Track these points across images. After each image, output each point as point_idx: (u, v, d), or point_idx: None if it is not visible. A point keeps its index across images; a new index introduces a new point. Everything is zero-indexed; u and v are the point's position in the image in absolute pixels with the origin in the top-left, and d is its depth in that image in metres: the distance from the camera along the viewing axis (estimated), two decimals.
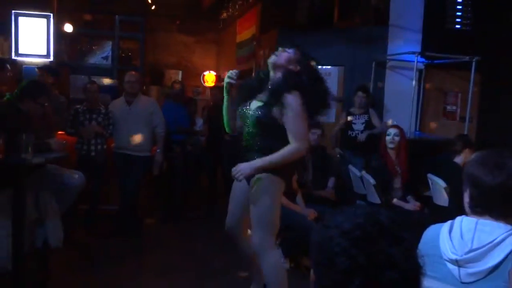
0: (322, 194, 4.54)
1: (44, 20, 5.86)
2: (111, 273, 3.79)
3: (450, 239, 1.51)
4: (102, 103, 4.91)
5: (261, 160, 2.67)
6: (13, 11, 5.77)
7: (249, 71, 7.24)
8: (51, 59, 5.88)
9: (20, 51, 5.82)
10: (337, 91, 6.25)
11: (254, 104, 2.79)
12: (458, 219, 1.54)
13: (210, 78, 10.32)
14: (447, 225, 1.55)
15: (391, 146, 4.28)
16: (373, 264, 0.86)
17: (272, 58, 2.78)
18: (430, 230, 1.62)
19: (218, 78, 10.27)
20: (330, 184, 4.67)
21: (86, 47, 6.95)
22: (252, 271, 3.15)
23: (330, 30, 6.55)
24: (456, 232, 1.51)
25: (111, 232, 4.71)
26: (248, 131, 2.83)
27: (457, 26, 6.02)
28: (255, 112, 2.75)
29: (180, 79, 9.99)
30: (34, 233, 3.23)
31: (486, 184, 1.47)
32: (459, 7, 6.01)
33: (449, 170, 3.96)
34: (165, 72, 10.52)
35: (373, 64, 6.00)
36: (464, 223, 1.51)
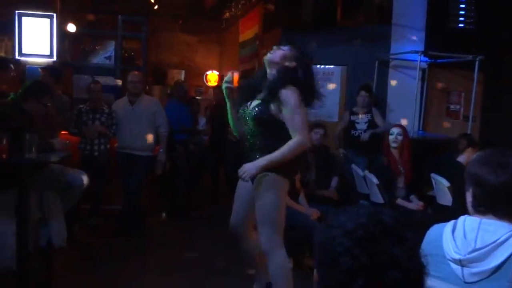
0: (325, 193, 4.53)
1: (48, 20, 5.87)
2: (114, 272, 3.80)
3: (453, 238, 1.50)
4: (105, 103, 4.92)
5: (266, 158, 2.67)
6: (17, 11, 5.78)
7: (252, 71, 7.24)
8: (54, 59, 5.89)
9: (24, 51, 5.83)
10: (340, 91, 6.25)
11: (254, 103, 2.81)
12: (461, 219, 1.54)
13: (212, 77, 10.33)
14: (450, 224, 1.55)
15: (394, 145, 4.27)
16: (376, 263, 0.86)
17: (267, 56, 2.81)
18: (433, 230, 1.61)
19: (221, 77, 10.28)
20: (333, 183, 4.67)
21: (89, 47, 6.96)
22: (255, 272, 3.15)
23: (333, 29, 6.54)
24: (459, 231, 1.50)
25: (114, 232, 4.72)
26: (249, 130, 2.85)
27: (461, 25, 6.00)
28: (253, 110, 2.77)
29: (183, 79, 10.03)
30: (38, 233, 3.24)
31: (489, 183, 1.47)
32: (462, 6, 5.99)
33: (453, 170, 3.95)
34: (168, 72, 10.54)
35: (376, 63, 5.99)
36: (467, 223, 1.51)
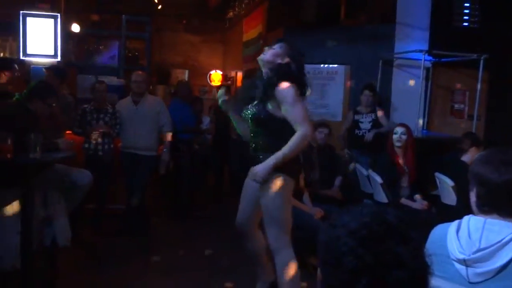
0: (329, 193, 4.53)
1: (52, 20, 5.89)
2: (118, 272, 3.81)
3: (458, 238, 1.50)
4: (109, 103, 4.93)
5: (274, 157, 2.68)
6: (21, 12, 5.80)
7: (255, 70, 7.22)
8: (59, 59, 5.91)
9: (28, 51, 5.85)
10: (343, 90, 6.24)
11: (252, 104, 2.85)
12: (466, 218, 1.53)
13: (216, 77, 10.33)
14: (454, 224, 1.54)
15: (398, 144, 4.26)
16: (380, 263, 0.86)
17: (260, 56, 2.87)
18: (438, 229, 1.61)
19: (225, 77, 10.28)
20: (337, 183, 4.67)
21: (93, 47, 6.98)
22: (259, 270, 3.16)
23: (336, 28, 6.53)
24: (463, 231, 1.50)
25: (118, 232, 4.73)
26: (251, 131, 2.87)
27: (465, 24, 5.97)
28: (252, 111, 2.81)
29: (186, 79, 10.04)
30: (42, 232, 3.25)
31: (492, 181, 1.46)
32: (466, 5, 5.97)
33: (457, 169, 3.94)
34: (172, 72, 10.55)
35: (380, 62, 5.98)
36: (472, 222, 1.50)
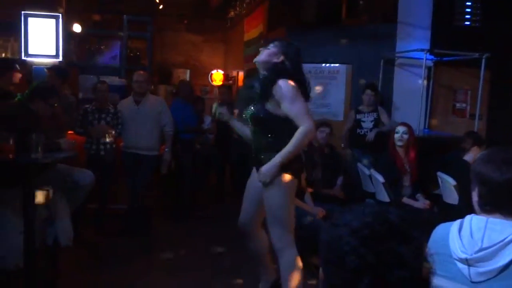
0: (331, 192, 4.53)
1: (53, 20, 5.89)
2: (120, 272, 3.81)
3: (460, 238, 1.49)
4: (111, 103, 4.93)
5: (280, 155, 2.68)
6: (23, 12, 5.81)
7: (257, 70, 7.23)
8: (60, 59, 5.92)
9: (30, 51, 5.86)
10: (345, 89, 6.24)
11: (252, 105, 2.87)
12: (468, 218, 1.53)
13: (217, 77, 10.34)
14: (456, 223, 1.54)
15: (399, 144, 4.26)
16: (382, 263, 0.86)
17: (256, 58, 2.89)
18: (440, 229, 1.61)
19: (226, 77, 10.29)
20: (339, 182, 4.67)
21: (94, 47, 7.00)
22: (261, 270, 3.16)
23: (338, 27, 6.53)
24: (465, 230, 1.50)
25: (119, 231, 4.74)
26: (251, 131, 2.89)
27: (466, 23, 5.97)
28: (251, 111, 2.82)
29: (188, 78, 10.05)
30: (44, 232, 3.26)
31: (494, 180, 1.46)
32: (468, 4, 5.96)
33: (459, 168, 3.93)
34: (173, 71, 10.56)
35: (382, 61, 5.97)
36: (474, 222, 1.50)
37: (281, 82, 2.68)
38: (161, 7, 9.09)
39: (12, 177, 2.96)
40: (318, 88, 5.26)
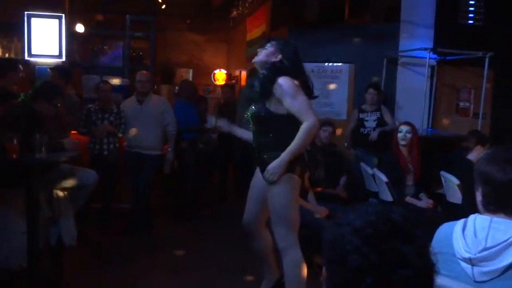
0: (334, 192, 4.52)
1: (56, 20, 5.91)
2: (123, 271, 3.82)
3: (464, 237, 1.49)
4: (114, 103, 4.94)
5: (286, 153, 2.68)
6: (26, 12, 5.83)
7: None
8: (63, 59, 5.93)
9: (33, 51, 5.88)
10: (348, 89, 6.23)
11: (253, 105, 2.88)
12: (472, 217, 1.52)
13: (220, 76, 10.35)
14: (460, 223, 1.54)
15: (403, 143, 4.25)
16: (385, 262, 0.85)
17: (254, 59, 2.88)
18: (443, 228, 1.60)
19: (229, 76, 10.29)
20: (342, 181, 4.66)
21: (97, 47, 7.00)
22: (264, 269, 3.16)
23: (341, 27, 6.52)
24: (469, 230, 1.49)
25: (123, 231, 4.75)
26: (253, 130, 2.89)
27: (470, 22, 5.95)
28: (252, 111, 2.83)
29: (191, 78, 10.06)
30: (48, 232, 3.27)
31: (497, 180, 1.46)
32: (471, 2, 5.94)
33: (462, 167, 3.92)
34: (176, 71, 10.57)
35: (385, 60, 5.96)
36: (478, 221, 1.50)
37: (281, 80, 2.68)
38: (163, 7, 9.09)
39: (16, 177, 2.98)
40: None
